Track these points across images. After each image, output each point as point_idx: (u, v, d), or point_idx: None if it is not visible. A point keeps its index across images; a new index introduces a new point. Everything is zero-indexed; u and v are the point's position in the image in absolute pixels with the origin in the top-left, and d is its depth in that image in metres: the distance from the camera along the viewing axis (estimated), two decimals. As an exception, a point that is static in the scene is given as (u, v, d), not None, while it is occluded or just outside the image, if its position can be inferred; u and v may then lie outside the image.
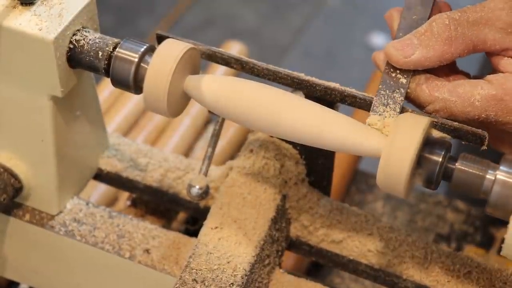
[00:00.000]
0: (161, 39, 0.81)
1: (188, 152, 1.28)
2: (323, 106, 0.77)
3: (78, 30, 0.81)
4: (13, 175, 0.89)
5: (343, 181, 1.24)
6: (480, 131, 0.75)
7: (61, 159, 0.88)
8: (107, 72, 0.81)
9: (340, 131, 0.75)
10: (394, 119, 0.75)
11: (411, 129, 0.72)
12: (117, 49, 0.80)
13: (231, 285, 0.80)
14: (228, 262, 0.82)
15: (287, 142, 0.88)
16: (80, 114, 0.89)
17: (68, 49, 0.81)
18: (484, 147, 0.75)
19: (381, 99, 0.77)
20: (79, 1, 0.82)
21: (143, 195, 0.98)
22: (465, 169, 0.73)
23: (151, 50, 0.80)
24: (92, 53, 0.81)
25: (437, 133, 0.75)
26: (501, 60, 0.78)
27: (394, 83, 0.78)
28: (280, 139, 0.88)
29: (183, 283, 0.80)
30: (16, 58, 0.81)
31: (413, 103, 0.78)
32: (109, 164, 0.96)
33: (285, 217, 0.89)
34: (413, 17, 0.80)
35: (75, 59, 0.81)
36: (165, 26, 2.62)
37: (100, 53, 0.80)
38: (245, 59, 0.83)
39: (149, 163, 0.96)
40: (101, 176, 0.97)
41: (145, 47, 0.80)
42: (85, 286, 0.95)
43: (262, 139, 0.89)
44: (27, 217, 0.92)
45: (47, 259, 0.94)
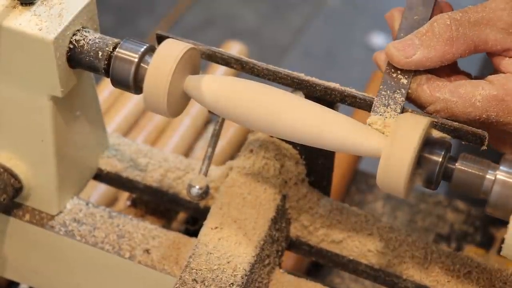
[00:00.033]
0: (161, 39, 0.81)
1: (188, 152, 1.28)
2: (323, 106, 0.77)
3: (78, 30, 0.81)
4: (13, 175, 0.89)
5: (343, 181, 1.24)
6: (480, 131, 0.75)
7: (61, 159, 0.88)
8: (107, 72, 0.81)
9: (340, 131, 0.75)
10: (394, 119, 0.75)
11: (411, 129, 0.72)
12: (117, 49, 0.80)
13: (231, 285, 0.80)
14: (228, 262, 0.82)
15: (287, 142, 0.88)
16: (80, 114, 0.89)
17: (68, 49, 0.81)
18: (484, 147, 0.75)
19: (382, 100, 0.77)
20: (79, 1, 0.82)
21: (143, 195, 0.98)
22: (465, 169, 0.73)
23: (151, 50, 0.80)
24: (92, 53, 0.81)
25: (437, 133, 0.75)
26: (503, 60, 0.78)
27: (395, 83, 0.78)
28: (280, 139, 0.88)
29: (183, 283, 0.80)
30: (16, 58, 0.81)
31: (414, 104, 0.78)
32: (109, 164, 0.96)
33: (285, 217, 0.89)
34: (415, 17, 0.80)
35: (75, 59, 0.81)
36: (165, 26, 2.62)
37: (100, 53, 0.80)
38: (245, 59, 0.83)
39: (149, 163, 0.96)
40: (101, 176, 0.97)
41: (145, 47, 0.80)
42: (85, 286, 0.95)
43: (262, 139, 0.89)
44: (27, 217, 0.92)
45: (47, 259, 0.94)
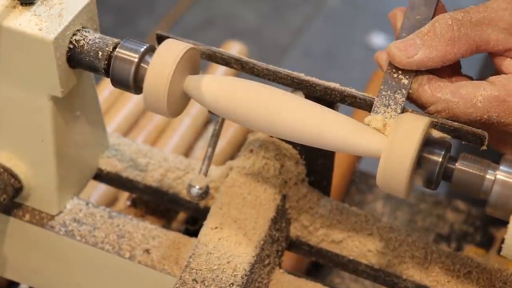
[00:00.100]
0: (161, 39, 0.81)
1: (188, 152, 1.28)
2: (323, 106, 0.77)
3: (78, 30, 0.81)
4: (13, 175, 0.89)
5: (343, 181, 1.24)
6: (480, 131, 0.75)
7: (61, 159, 0.88)
8: (107, 72, 0.81)
9: (340, 131, 0.75)
10: (394, 119, 0.75)
11: (411, 129, 0.72)
12: (117, 49, 0.80)
13: (231, 285, 0.80)
14: (228, 262, 0.82)
15: (287, 142, 0.88)
16: (80, 114, 0.89)
17: (68, 49, 0.81)
18: (484, 147, 0.75)
19: (383, 100, 0.77)
20: (79, 1, 0.82)
21: (143, 195, 0.98)
22: (465, 169, 0.73)
23: (151, 50, 0.80)
24: (92, 53, 0.81)
25: (437, 133, 0.75)
26: (504, 61, 0.78)
27: (396, 83, 0.77)
28: (280, 139, 0.88)
29: (183, 283, 0.80)
30: (16, 58, 0.81)
31: (415, 104, 0.78)
32: (109, 164, 0.96)
33: (285, 217, 0.89)
34: (417, 17, 0.80)
35: (75, 59, 0.81)
36: (165, 26, 2.62)
37: (100, 53, 0.80)
38: (245, 59, 0.83)
39: (149, 163, 0.96)
40: (101, 176, 0.97)
41: (145, 47, 0.80)
42: (85, 286, 0.95)
43: (262, 139, 0.89)
44: (27, 217, 0.92)
45: (47, 259, 0.94)
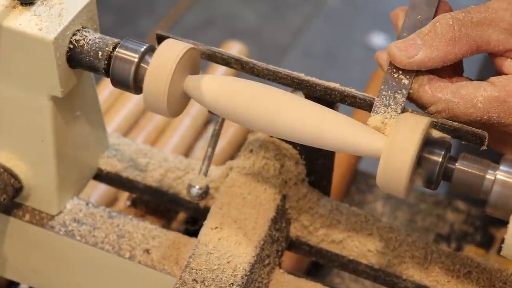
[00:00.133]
0: (161, 39, 0.81)
1: (188, 152, 1.28)
2: (323, 106, 0.77)
3: (78, 30, 0.81)
4: (13, 175, 0.89)
5: (343, 181, 1.24)
6: (480, 131, 0.75)
7: (61, 159, 0.88)
8: (107, 72, 0.81)
9: (340, 131, 0.75)
10: (395, 119, 0.75)
11: (411, 129, 0.72)
12: (117, 49, 0.80)
13: (231, 285, 0.80)
14: (228, 262, 0.82)
15: (287, 142, 0.88)
16: (80, 114, 0.89)
17: (68, 49, 0.81)
18: (484, 147, 0.75)
19: (383, 100, 0.77)
20: (79, 1, 0.81)
21: (143, 195, 0.98)
22: (465, 169, 0.73)
23: (151, 50, 0.80)
24: (92, 53, 0.81)
25: (437, 133, 0.75)
26: (505, 61, 0.78)
27: (396, 83, 0.77)
28: (280, 139, 0.88)
29: (183, 283, 0.80)
30: (16, 58, 0.81)
31: (416, 104, 0.78)
32: (109, 164, 0.96)
33: (285, 217, 0.89)
34: (418, 17, 0.80)
35: (75, 59, 0.81)
36: (165, 26, 2.62)
37: (100, 53, 0.80)
38: (245, 59, 0.83)
39: (149, 163, 0.96)
40: (101, 176, 0.97)
41: (145, 47, 0.80)
42: (85, 286, 0.95)
43: (262, 139, 0.89)
44: (27, 217, 0.92)
45: (47, 259, 0.94)
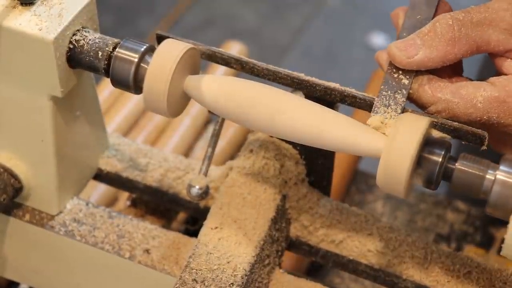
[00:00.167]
0: (161, 39, 0.81)
1: (188, 152, 1.28)
2: (323, 106, 0.77)
3: (78, 30, 0.81)
4: (13, 175, 0.89)
5: (343, 181, 1.24)
6: (480, 131, 0.75)
7: (61, 159, 0.88)
8: (107, 72, 0.81)
9: (340, 131, 0.75)
10: (395, 119, 0.75)
11: (411, 129, 0.72)
12: (117, 49, 0.80)
13: (231, 285, 0.80)
14: (228, 262, 0.82)
15: (287, 142, 0.88)
16: (80, 114, 0.89)
17: (68, 49, 0.81)
18: (484, 147, 0.75)
19: (383, 100, 0.77)
20: (79, 1, 0.81)
21: (143, 195, 0.98)
22: (465, 169, 0.73)
23: (151, 50, 0.80)
24: (92, 53, 0.81)
25: (437, 133, 0.75)
26: (505, 62, 0.78)
27: (396, 83, 0.77)
28: (280, 139, 0.88)
29: (183, 283, 0.80)
30: (16, 58, 0.81)
31: (416, 104, 0.78)
32: (109, 164, 0.96)
33: (285, 217, 0.89)
34: (418, 17, 0.80)
35: (75, 59, 0.81)
36: (165, 26, 2.62)
37: (100, 53, 0.80)
38: (245, 59, 0.83)
39: (149, 163, 0.96)
40: (101, 176, 0.97)
41: (145, 47, 0.80)
42: (85, 286, 0.95)
43: (262, 139, 0.89)
44: (27, 217, 0.92)
45: (47, 259, 0.94)
